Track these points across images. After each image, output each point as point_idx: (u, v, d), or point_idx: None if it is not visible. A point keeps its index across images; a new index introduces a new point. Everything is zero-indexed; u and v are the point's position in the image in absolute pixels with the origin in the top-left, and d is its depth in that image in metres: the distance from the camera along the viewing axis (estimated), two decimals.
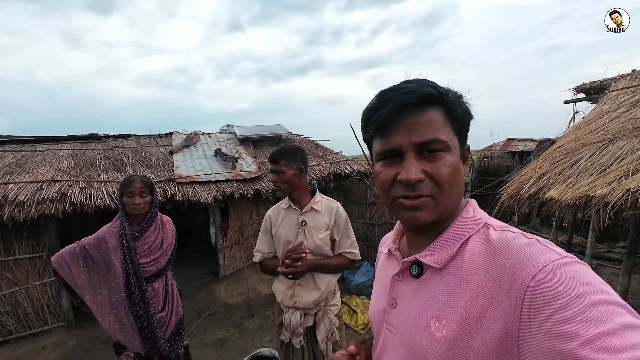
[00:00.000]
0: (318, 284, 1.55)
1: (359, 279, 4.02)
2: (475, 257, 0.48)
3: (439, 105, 0.50)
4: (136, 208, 1.69)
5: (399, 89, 0.51)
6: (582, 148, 2.53)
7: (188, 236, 6.32)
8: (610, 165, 2.17)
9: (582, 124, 3.01)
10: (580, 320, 0.34)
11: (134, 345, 1.73)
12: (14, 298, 3.12)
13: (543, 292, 0.37)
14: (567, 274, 0.37)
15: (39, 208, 2.90)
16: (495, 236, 0.48)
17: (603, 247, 4.98)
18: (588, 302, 0.34)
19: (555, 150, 2.77)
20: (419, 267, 0.55)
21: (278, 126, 5.81)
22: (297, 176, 1.55)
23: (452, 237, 0.51)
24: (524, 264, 0.41)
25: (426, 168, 0.49)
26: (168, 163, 4.23)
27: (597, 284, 0.37)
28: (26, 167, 3.53)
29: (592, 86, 3.79)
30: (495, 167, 6.52)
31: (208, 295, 4.02)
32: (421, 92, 0.49)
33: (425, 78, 0.54)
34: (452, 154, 0.50)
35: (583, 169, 2.30)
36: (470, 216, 0.53)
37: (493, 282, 0.43)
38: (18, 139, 4.54)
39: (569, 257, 0.40)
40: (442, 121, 0.50)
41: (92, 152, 4.26)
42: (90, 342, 3.18)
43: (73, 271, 1.69)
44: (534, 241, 0.44)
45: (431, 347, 0.48)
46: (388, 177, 0.52)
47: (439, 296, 0.49)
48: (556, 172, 2.44)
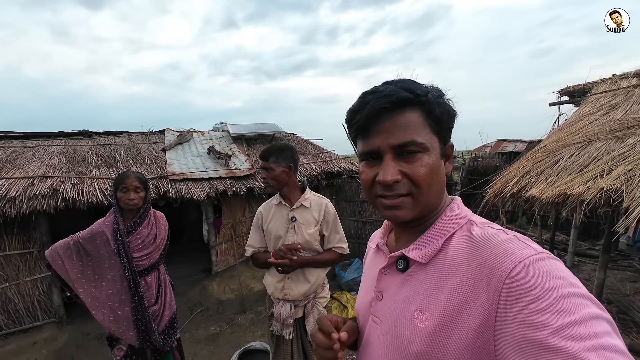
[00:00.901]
0: (307, 277, 1.61)
1: (350, 275, 4.11)
2: (458, 252, 0.50)
3: (416, 107, 0.51)
4: (130, 203, 1.72)
5: (377, 92, 0.52)
6: (563, 149, 2.64)
7: (180, 233, 6.32)
8: (588, 165, 2.28)
9: (564, 126, 3.14)
10: (551, 311, 0.36)
11: (128, 337, 1.76)
12: (4, 294, 3.10)
13: (519, 285, 0.40)
14: (541, 269, 0.40)
15: (30, 204, 2.89)
16: (477, 232, 0.50)
17: (585, 245, 5.16)
18: (559, 294, 0.37)
19: (538, 150, 2.89)
20: (405, 261, 0.56)
21: (271, 125, 5.84)
22: (286, 173, 1.60)
23: (436, 233, 0.53)
24: (502, 259, 0.43)
25: (403, 169, 0.51)
26: (161, 160, 4.23)
27: (568, 278, 0.39)
28: (16, 162, 3.50)
29: (575, 89, 3.93)
30: (484, 167, 6.67)
31: (200, 291, 4.05)
32: (396, 97, 0.50)
33: (408, 78, 0.55)
34: (430, 155, 0.51)
35: (563, 168, 2.41)
36: (455, 213, 0.55)
37: (474, 276, 0.45)
38: (7, 134, 4.49)
39: (544, 253, 0.43)
40: (420, 122, 0.51)
41: (83, 149, 4.23)
42: (82, 338, 3.19)
43: (66, 265, 1.71)
44: (513, 237, 0.47)
45: (414, 337, 0.50)
46: (369, 177, 0.54)
47: (423, 289, 0.51)
48: (538, 172, 2.55)
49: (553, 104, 4.07)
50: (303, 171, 4.56)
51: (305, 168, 4.68)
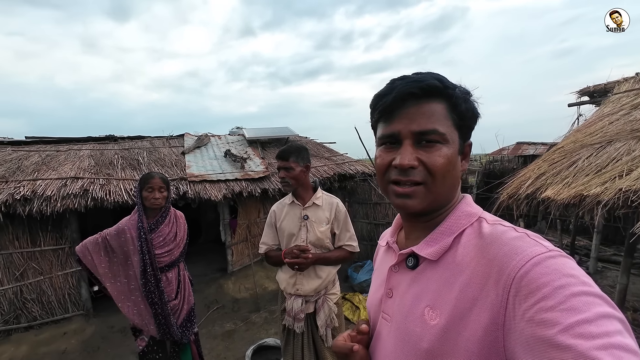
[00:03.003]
0: (319, 273, 1.67)
1: (363, 276, 4.12)
2: (468, 250, 0.49)
3: (442, 99, 0.52)
4: (155, 202, 1.83)
5: (406, 78, 0.53)
6: (580, 149, 2.58)
7: (198, 234, 6.54)
8: (606, 166, 2.22)
9: (583, 127, 3.05)
10: (560, 309, 0.36)
11: (149, 329, 1.86)
12: (39, 286, 3.35)
13: (528, 282, 0.39)
14: (551, 266, 0.39)
15: (63, 202, 3.12)
16: (487, 229, 0.50)
17: (610, 251, 4.93)
18: (569, 292, 0.36)
19: (555, 151, 2.83)
20: (414, 259, 0.56)
21: (285, 128, 5.97)
22: (304, 173, 1.67)
23: (447, 230, 0.53)
24: (512, 256, 0.43)
25: (421, 157, 0.51)
26: (180, 163, 4.43)
27: (579, 277, 0.38)
28: (51, 165, 3.78)
29: (596, 89, 3.81)
30: (501, 170, 6.51)
31: (217, 289, 4.18)
32: (425, 83, 0.50)
33: (438, 73, 0.55)
34: (449, 147, 0.51)
35: (580, 169, 2.35)
36: (465, 210, 0.54)
37: (483, 273, 0.45)
38: (42, 139, 4.84)
39: (555, 250, 0.42)
40: (444, 114, 0.51)
41: (110, 152, 4.50)
42: (107, 330, 3.38)
43: (95, 260, 1.83)
44: (524, 235, 0.46)
45: (424, 334, 0.50)
46: (385, 161, 0.55)
47: (433, 286, 0.51)
48: (554, 173, 2.50)
49: (572, 104, 3.96)
50: (316, 173, 4.63)
51: (319, 170, 4.76)
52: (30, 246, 3.34)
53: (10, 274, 3.27)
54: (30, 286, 3.32)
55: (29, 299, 3.31)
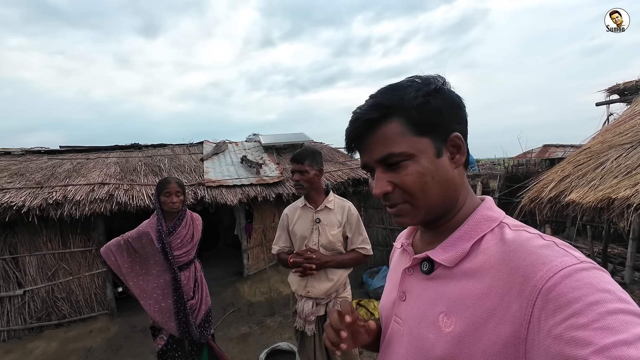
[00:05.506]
0: (330, 276, 1.67)
1: (378, 283, 4.05)
2: (487, 257, 0.46)
3: (392, 117, 0.50)
4: (173, 206, 1.92)
5: (353, 115, 0.54)
6: (608, 150, 2.44)
7: (215, 239, 6.69)
8: (637, 168, 2.08)
9: (612, 126, 2.88)
10: (594, 327, 0.32)
11: (170, 327, 1.93)
12: (68, 286, 3.56)
13: (557, 296, 0.36)
14: (584, 280, 0.36)
15: (91, 207, 3.32)
16: (510, 235, 0.46)
17: None
18: (605, 310, 0.33)
19: (580, 153, 2.68)
20: (429, 263, 0.54)
21: (300, 134, 6.05)
22: (317, 176, 1.68)
23: (465, 236, 0.50)
24: (538, 266, 0.40)
25: (393, 179, 0.51)
26: (199, 169, 4.60)
27: (616, 292, 0.35)
28: (81, 172, 4.05)
29: (626, 86, 3.59)
30: (525, 173, 6.22)
31: (233, 293, 4.25)
32: (364, 119, 0.51)
33: (386, 87, 0.53)
34: (416, 160, 0.49)
35: (607, 171, 2.22)
36: (485, 214, 0.51)
37: (505, 283, 0.42)
38: (74, 148, 5.20)
39: (588, 262, 0.39)
40: (398, 131, 0.49)
41: (134, 160, 4.74)
42: (129, 330, 3.52)
43: (118, 261, 1.93)
44: (551, 243, 0.43)
45: (438, 341, 0.48)
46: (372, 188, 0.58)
47: (449, 293, 0.49)
48: (579, 175, 2.37)
49: (600, 103, 3.75)
50: (330, 178, 4.64)
51: (333, 175, 4.77)
52: (62, 248, 3.57)
53: (43, 273, 3.49)
54: (60, 285, 3.54)
55: (59, 298, 3.52)
